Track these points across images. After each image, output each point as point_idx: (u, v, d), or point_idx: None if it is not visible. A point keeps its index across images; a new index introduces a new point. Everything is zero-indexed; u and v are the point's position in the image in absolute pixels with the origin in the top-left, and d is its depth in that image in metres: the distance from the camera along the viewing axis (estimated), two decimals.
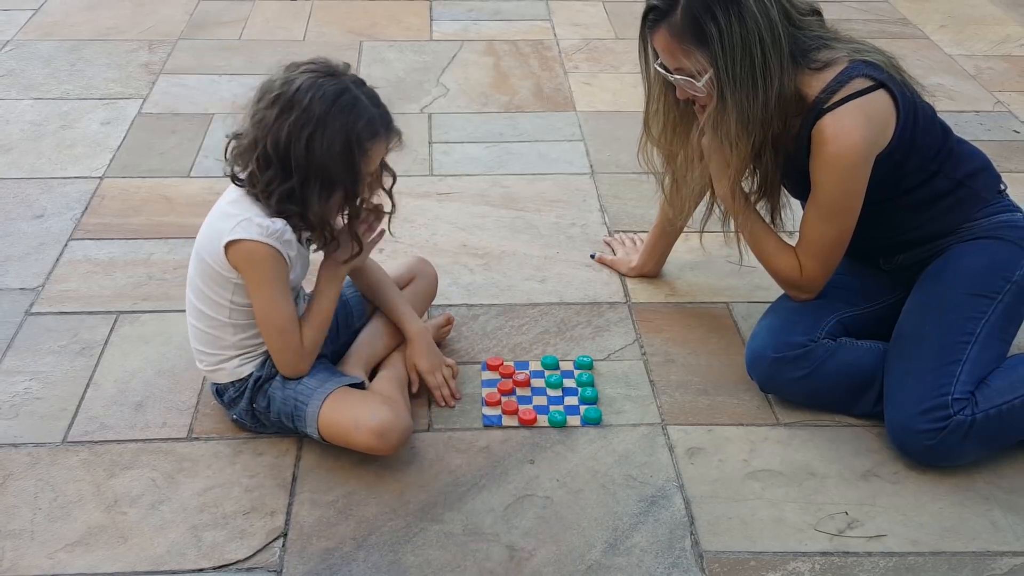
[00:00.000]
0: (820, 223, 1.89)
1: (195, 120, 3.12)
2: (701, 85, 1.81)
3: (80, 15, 3.92)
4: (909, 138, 1.86)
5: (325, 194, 1.75)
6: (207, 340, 1.86)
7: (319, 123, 1.70)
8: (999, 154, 2.89)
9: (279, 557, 1.67)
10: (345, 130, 1.72)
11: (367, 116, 1.74)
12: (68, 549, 1.67)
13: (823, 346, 1.93)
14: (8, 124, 3.08)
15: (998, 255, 1.91)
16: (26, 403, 1.98)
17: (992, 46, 3.80)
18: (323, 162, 1.72)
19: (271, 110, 1.72)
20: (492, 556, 1.67)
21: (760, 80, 1.77)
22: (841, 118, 1.79)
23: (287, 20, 3.93)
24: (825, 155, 1.81)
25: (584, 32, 3.86)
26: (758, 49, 1.75)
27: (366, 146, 1.75)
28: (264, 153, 1.72)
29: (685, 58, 1.80)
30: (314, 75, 1.73)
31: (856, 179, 1.83)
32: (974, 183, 1.95)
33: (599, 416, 1.95)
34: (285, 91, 1.72)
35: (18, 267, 2.40)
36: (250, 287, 1.78)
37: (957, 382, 1.80)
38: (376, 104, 1.78)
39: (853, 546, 1.70)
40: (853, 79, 1.80)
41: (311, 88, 1.71)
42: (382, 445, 1.78)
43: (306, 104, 1.70)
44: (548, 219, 2.63)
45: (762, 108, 1.79)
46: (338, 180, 1.75)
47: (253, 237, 1.73)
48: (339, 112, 1.71)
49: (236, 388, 1.88)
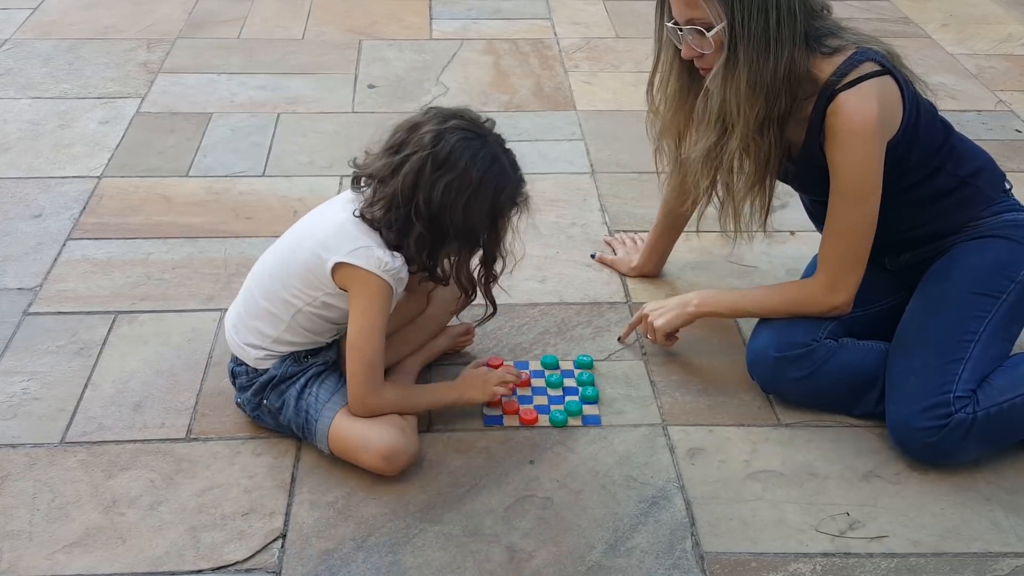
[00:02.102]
0: (846, 209, 1.87)
1: (194, 119, 3.11)
2: (711, 36, 1.77)
3: (78, 14, 3.91)
4: (912, 130, 1.86)
5: (464, 253, 1.81)
6: (254, 320, 1.86)
7: (474, 190, 1.74)
8: (1001, 153, 2.88)
9: (278, 558, 1.66)
10: (493, 198, 1.77)
11: (512, 185, 1.80)
12: (66, 550, 1.66)
13: (825, 346, 1.92)
14: (6, 123, 3.07)
15: (1003, 254, 1.90)
16: (24, 403, 1.98)
17: (994, 45, 3.80)
18: (471, 226, 1.77)
19: (423, 163, 1.73)
20: (492, 557, 1.67)
21: (773, 43, 1.76)
22: (858, 95, 1.78)
23: (286, 19, 3.92)
24: (844, 133, 1.80)
25: (584, 31, 3.85)
26: (773, 13, 1.74)
27: (508, 214, 1.81)
28: (415, 209, 1.74)
29: (700, 5, 1.77)
30: (465, 136, 1.76)
31: (875, 156, 1.82)
32: (978, 181, 1.95)
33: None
34: (439, 149, 1.73)
35: (16, 267, 2.39)
36: (353, 311, 1.78)
37: (959, 380, 1.80)
38: (515, 169, 1.82)
39: (854, 547, 1.70)
40: (863, 63, 1.80)
41: (465, 151, 1.74)
42: (388, 467, 1.78)
43: (462, 169, 1.73)
44: (548, 219, 2.63)
45: (772, 73, 1.77)
46: (480, 243, 1.81)
47: (371, 269, 1.75)
48: (491, 180, 1.76)
49: (250, 376, 1.88)
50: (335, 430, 1.80)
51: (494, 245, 1.82)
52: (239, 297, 1.93)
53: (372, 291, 1.76)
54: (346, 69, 3.49)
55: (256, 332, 1.86)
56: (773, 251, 2.48)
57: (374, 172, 1.79)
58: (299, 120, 3.12)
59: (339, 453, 1.81)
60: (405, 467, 1.80)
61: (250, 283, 1.91)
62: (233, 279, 2.35)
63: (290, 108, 3.20)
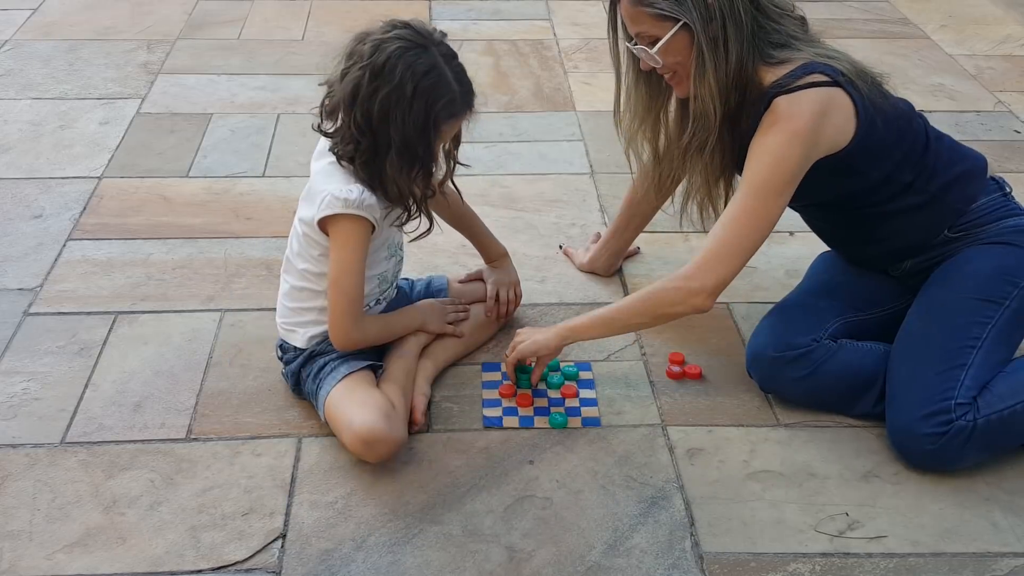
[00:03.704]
0: (744, 199, 1.81)
1: (194, 120, 3.11)
2: (663, 42, 1.80)
3: (78, 15, 3.92)
4: (868, 145, 1.83)
5: (405, 168, 1.79)
6: (294, 302, 1.95)
7: (405, 100, 1.74)
8: (1000, 154, 2.89)
9: (278, 558, 1.66)
10: (426, 109, 1.75)
11: (448, 96, 1.77)
12: (67, 550, 1.67)
13: (824, 346, 1.92)
14: (6, 124, 3.08)
15: (1007, 260, 1.90)
16: (24, 404, 1.98)
17: (993, 46, 3.80)
18: (403, 137, 1.76)
19: (361, 74, 1.75)
20: (491, 557, 1.67)
21: (723, 40, 1.77)
22: (792, 99, 1.78)
23: (286, 20, 3.92)
24: (766, 126, 1.79)
25: (584, 32, 3.86)
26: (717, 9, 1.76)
27: (442, 127, 1.79)
28: (354, 120, 1.77)
29: (648, 19, 1.80)
30: (404, 44, 1.75)
31: (790, 159, 1.78)
32: (948, 195, 1.91)
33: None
34: (376, 59, 1.74)
35: (16, 267, 2.39)
36: (332, 252, 1.85)
37: (961, 387, 1.79)
38: (460, 81, 1.80)
39: (853, 547, 1.70)
40: (811, 73, 1.79)
41: (400, 60, 1.74)
42: (367, 453, 1.79)
43: (396, 80, 1.73)
44: (548, 219, 2.63)
45: (735, 70, 1.79)
46: (416, 155, 1.79)
47: (337, 211, 1.80)
48: (424, 91, 1.74)
49: (296, 352, 1.96)
50: (331, 401, 1.85)
51: (428, 157, 1.81)
52: (280, 291, 2.01)
53: (343, 230, 1.82)
54: None
55: (299, 311, 1.94)
56: (772, 251, 2.48)
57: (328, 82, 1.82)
58: (299, 120, 3.11)
59: (331, 428, 1.87)
60: (386, 456, 1.80)
61: (283, 274, 1.99)
62: (233, 279, 2.35)
63: (290, 109, 3.20)
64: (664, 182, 2.14)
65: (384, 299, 2.02)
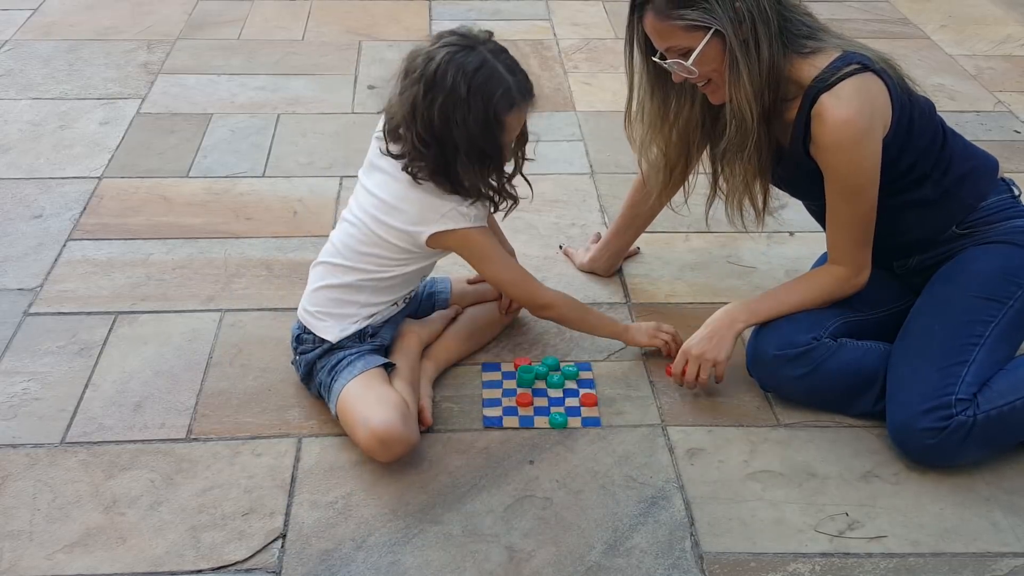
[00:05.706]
0: (845, 205, 1.88)
1: (194, 120, 3.11)
2: (697, 52, 1.80)
3: (78, 15, 3.92)
4: (903, 133, 1.86)
5: (477, 167, 1.82)
6: (343, 295, 1.92)
7: (462, 101, 1.75)
8: (1000, 154, 2.85)
9: (278, 558, 1.66)
10: (484, 105, 1.77)
11: (503, 88, 1.78)
12: (67, 550, 1.67)
13: (824, 345, 1.93)
14: (6, 124, 3.08)
15: (1012, 260, 1.90)
16: (24, 404, 1.98)
17: (993, 46, 3.80)
18: (469, 137, 1.78)
19: (417, 88, 1.77)
20: (491, 557, 1.67)
21: (754, 41, 1.78)
22: (838, 94, 1.78)
23: (286, 20, 3.93)
24: (827, 134, 1.80)
25: (584, 32, 3.86)
26: (745, 11, 1.76)
27: (503, 119, 1.80)
28: (416, 135, 1.79)
29: (679, 32, 1.80)
30: (452, 49, 1.78)
31: (864, 155, 1.82)
32: (961, 190, 1.93)
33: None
34: (427, 70, 1.76)
35: (16, 267, 2.39)
36: (479, 265, 1.95)
37: (962, 383, 1.80)
38: (513, 72, 1.81)
39: (853, 547, 1.70)
40: (849, 64, 1.80)
41: (450, 64, 1.76)
42: (382, 452, 1.79)
43: (449, 85, 1.75)
44: (548, 219, 2.63)
45: (767, 68, 1.80)
46: (484, 152, 1.81)
47: (462, 226, 1.84)
48: (478, 87, 1.76)
49: (316, 342, 1.94)
50: (344, 396, 1.84)
51: (498, 153, 1.83)
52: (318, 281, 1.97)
53: (474, 243, 1.89)
54: (346, 70, 3.49)
55: (339, 304, 1.92)
56: (772, 251, 2.49)
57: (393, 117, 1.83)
58: (299, 121, 3.12)
59: (342, 422, 1.85)
60: (399, 456, 1.80)
61: (328, 266, 1.95)
62: (233, 279, 2.36)
63: (290, 109, 3.20)
64: (673, 185, 2.16)
65: (405, 300, 2.02)
